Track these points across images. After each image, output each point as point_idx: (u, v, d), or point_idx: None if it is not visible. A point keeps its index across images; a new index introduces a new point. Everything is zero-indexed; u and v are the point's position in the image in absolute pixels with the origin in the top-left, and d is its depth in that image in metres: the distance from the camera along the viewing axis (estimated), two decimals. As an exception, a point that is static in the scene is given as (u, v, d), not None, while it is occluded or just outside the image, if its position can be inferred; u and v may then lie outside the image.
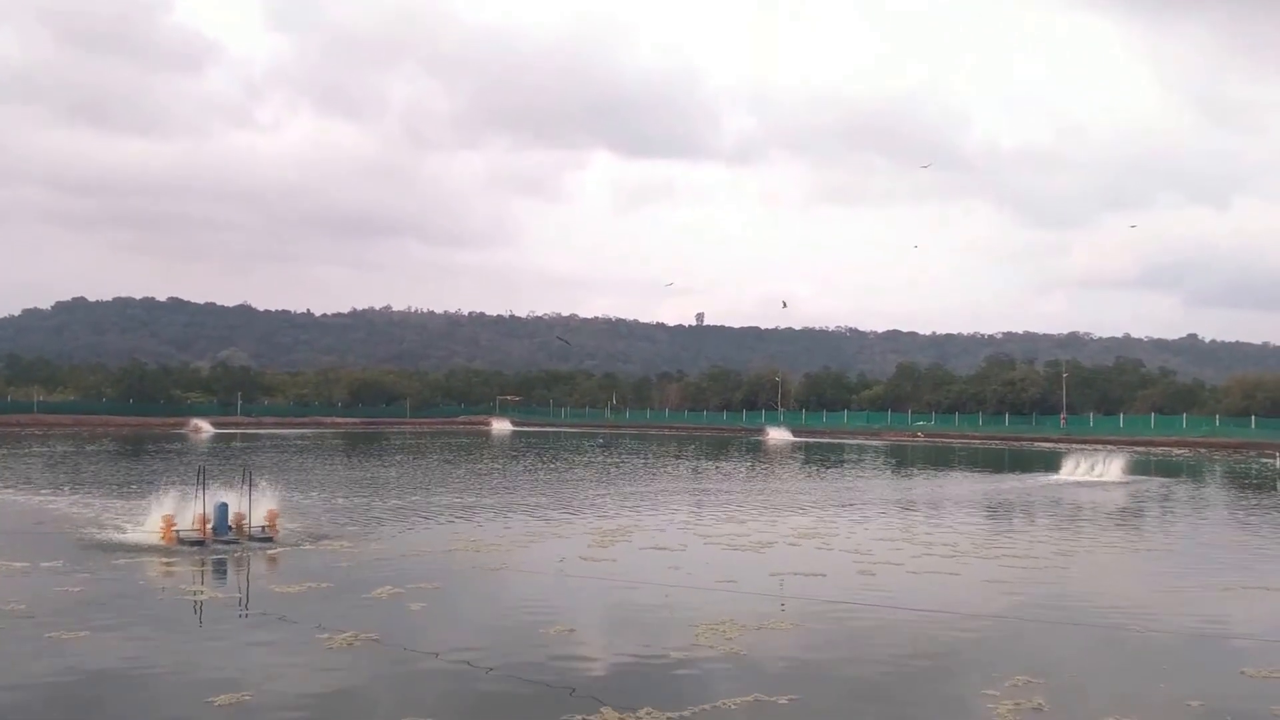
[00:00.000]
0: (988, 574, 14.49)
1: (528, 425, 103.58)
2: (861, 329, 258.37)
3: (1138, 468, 41.14)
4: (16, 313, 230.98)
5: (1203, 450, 62.81)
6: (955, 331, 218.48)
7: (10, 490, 25.26)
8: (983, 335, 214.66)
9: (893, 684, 8.73)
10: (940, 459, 50.26)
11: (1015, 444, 71.26)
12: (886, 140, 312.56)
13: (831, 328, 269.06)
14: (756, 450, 58.35)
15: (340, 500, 23.35)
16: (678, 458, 48.16)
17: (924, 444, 72.25)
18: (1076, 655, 9.75)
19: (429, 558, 15.07)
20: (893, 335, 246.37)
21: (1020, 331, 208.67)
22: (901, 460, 49.54)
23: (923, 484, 33.53)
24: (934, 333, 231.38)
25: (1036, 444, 69.50)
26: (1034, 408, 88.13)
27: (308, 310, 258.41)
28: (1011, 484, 33.77)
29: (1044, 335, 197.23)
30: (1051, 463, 41.89)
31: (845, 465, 44.32)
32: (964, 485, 32.91)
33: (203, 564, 14.19)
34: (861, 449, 61.79)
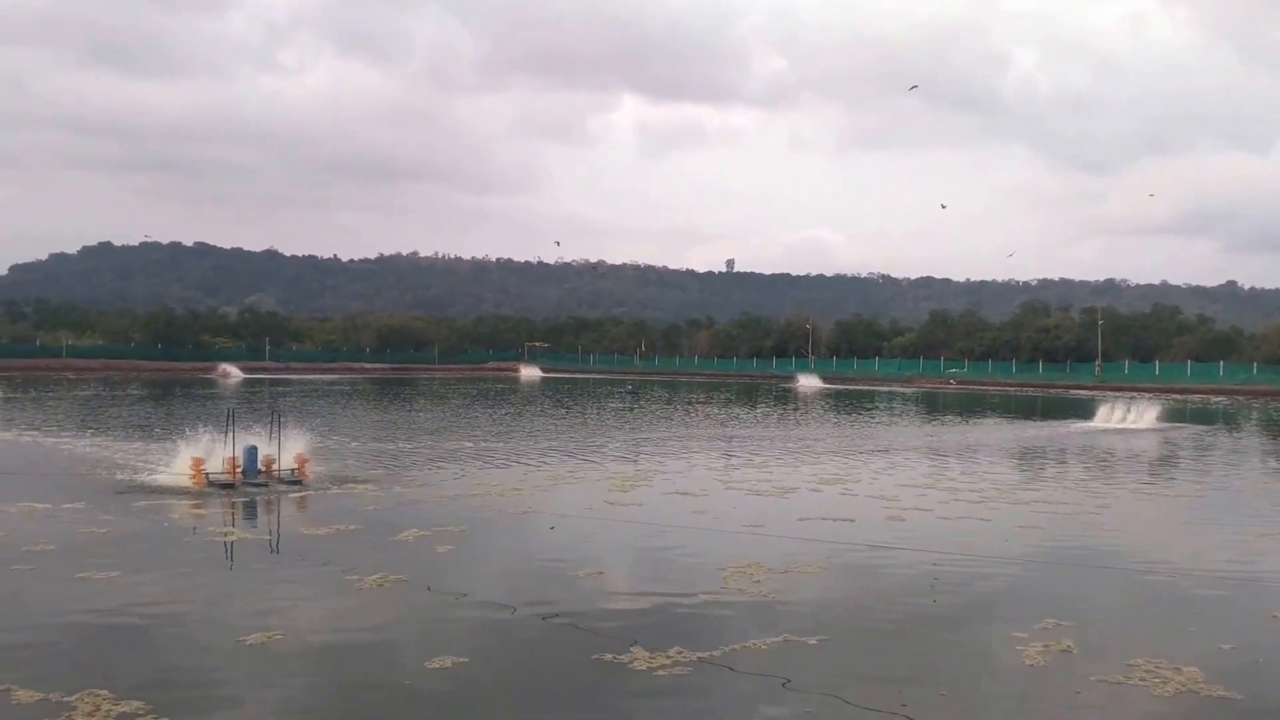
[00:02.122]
0: (1019, 519, 14.34)
1: (556, 372, 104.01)
2: (894, 275, 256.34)
3: (1173, 415, 40.69)
4: (44, 257, 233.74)
5: (1240, 398, 62.03)
6: (989, 278, 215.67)
7: (41, 433, 25.64)
8: (1017, 282, 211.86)
9: (921, 626, 8.66)
10: (972, 406, 49.95)
11: (1049, 391, 70.76)
12: (921, 83, 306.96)
13: (864, 274, 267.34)
14: (785, 397, 58.23)
15: (368, 444, 23.53)
16: (705, 405, 48.12)
17: (956, 391, 71.84)
18: (1106, 599, 9.64)
19: (455, 501, 15.13)
20: (926, 281, 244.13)
21: (1055, 278, 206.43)
22: (933, 407, 49.26)
23: (953, 431, 33.29)
24: (968, 279, 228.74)
25: (1071, 391, 68.94)
26: (1069, 355, 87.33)
27: (335, 256, 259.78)
28: (1044, 431, 33.50)
29: (1080, 282, 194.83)
30: (1085, 410, 41.51)
31: (874, 412, 44.13)
32: (995, 432, 32.66)
33: (233, 506, 14.32)
34: (892, 396, 61.53)
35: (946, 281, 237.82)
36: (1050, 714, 6.61)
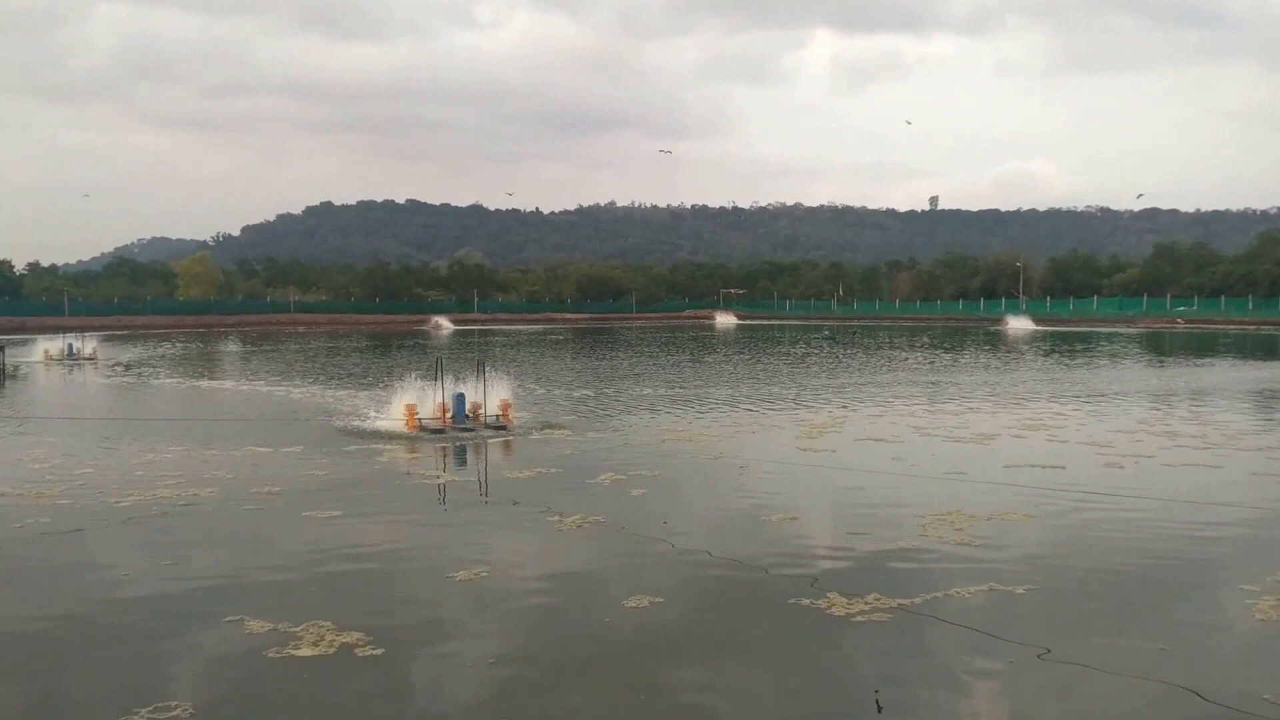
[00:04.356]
0: (1253, 467, 13.23)
1: (752, 318, 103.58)
2: (1114, 208, 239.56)
3: None
4: (272, 218, 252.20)
5: None
6: (1222, 208, 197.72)
7: (264, 383, 27.85)
8: (1254, 211, 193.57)
9: (1139, 577, 8.13)
10: (1203, 346, 46.26)
11: (1291, 329, 64.44)
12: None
13: (1080, 208, 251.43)
14: (994, 340, 55.73)
15: (567, 391, 24.25)
16: (905, 349, 46.72)
17: (1184, 331, 66.70)
18: (1359, 556, 8.73)
19: (648, 446, 15.37)
20: (1150, 214, 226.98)
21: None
22: (1157, 349, 45.93)
23: (1178, 373, 30.93)
24: (1197, 209, 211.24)
25: (1317, 329, 62.53)
26: (1315, 289, 79.10)
27: (536, 209, 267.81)
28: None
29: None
30: (1335, 349, 37.60)
31: (1090, 355, 41.54)
32: (1227, 374, 30.14)
33: (444, 450, 15.11)
34: (1112, 337, 57.72)
35: (1174, 212, 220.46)
36: (1286, 676, 6.07)
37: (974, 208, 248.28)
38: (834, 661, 6.37)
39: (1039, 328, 72.40)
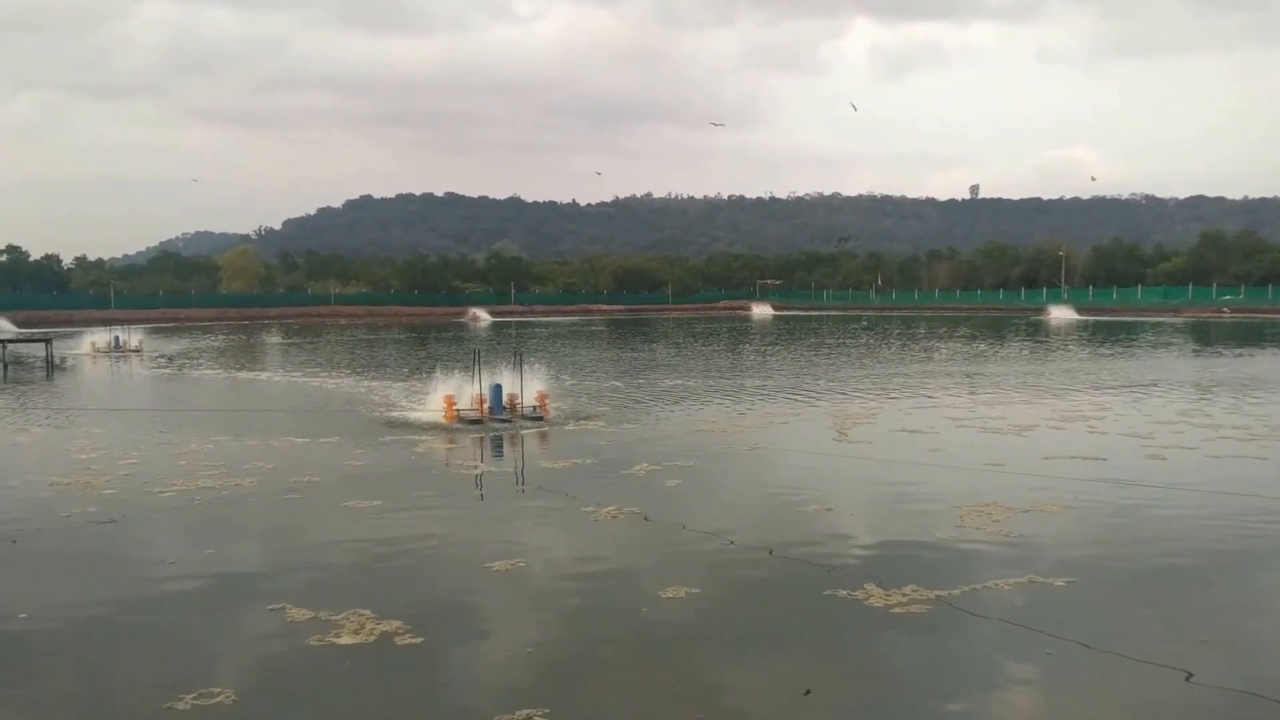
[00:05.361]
0: (1301, 459, 13.00)
1: (789, 309, 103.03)
2: (1159, 195, 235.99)
3: None
4: (312, 212, 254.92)
5: None
6: (1270, 195, 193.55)
7: (322, 374, 28.18)
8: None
9: (1181, 569, 8.04)
10: (1250, 336, 45.37)
11: (1342, 318, 63.04)
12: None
13: (1124, 195, 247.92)
14: (1035, 330, 55.04)
15: (603, 382, 24.30)
16: (943, 340, 46.28)
17: (1231, 320, 65.44)
18: None
19: (683, 437, 15.38)
20: (1195, 201, 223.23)
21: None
22: (1203, 339, 45.12)
23: (1223, 364, 30.35)
24: (1245, 197, 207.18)
25: (1369, 318, 61.11)
26: (1365, 277, 77.28)
27: (573, 200, 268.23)
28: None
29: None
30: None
31: (1133, 345, 40.92)
32: (1274, 364, 29.53)
33: (481, 441, 15.21)
34: (1157, 327, 56.78)
35: (1220, 200, 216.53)
36: (1334, 672, 5.96)
37: (1015, 196, 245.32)
38: (872, 653, 6.35)
39: (1082, 317, 71.36)
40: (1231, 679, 5.69)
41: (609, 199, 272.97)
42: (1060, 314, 73.04)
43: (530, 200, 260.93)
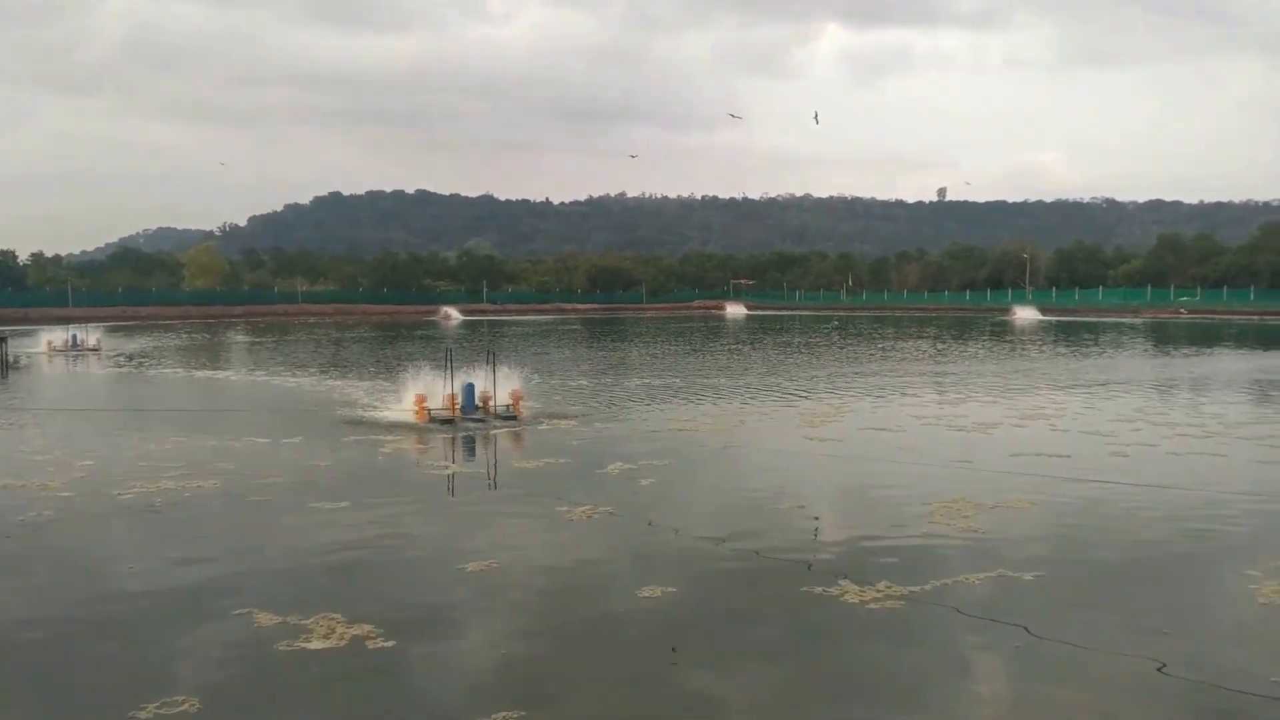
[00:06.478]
0: (1255, 455, 13.29)
1: (762, 309, 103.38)
2: (1119, 199, 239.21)
3: None
4: (279, 208, 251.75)
5: None
6: (1225, 199, 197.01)
7: (288, 373, 27.85)
8: (1257, 203, 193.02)
9: (1145, 563, 8.17)
10: (1206, 337, 46.15)
11: (1298, 319, 64.17)
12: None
13: (1086, 199, 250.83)
14: (1000, 330, 55.60)
15: (576, 381, 24.22)
16: (911, 340, 46.60)
17: (1187, 321, 66.46)
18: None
19: (656, 435, 15.34)
20: (1154, 205, 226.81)
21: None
22: (1160, 339, 45.79)
23: (1180, 363, 30.83)
24: (1201, 201, 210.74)
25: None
26: (1316, 280, 78.75)
27: (546, 199, 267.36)
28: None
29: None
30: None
31: (1094, 345, 41.43)
32: (1227, 364, 30.02)
33: (453, 441, 15.07)
34: (1117, 327, 57.56)
35: (1177, 204, 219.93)
36: (1295, 662, 6.04)
37: (981, 199, 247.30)
38: (848, 649, 6.36)
39: (1045, 317, 72.24)
40: (1192, 669, 5.77)
41: (583, 198, 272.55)
42: (1025, 314, 73.89)
43: (503, 198, 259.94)
